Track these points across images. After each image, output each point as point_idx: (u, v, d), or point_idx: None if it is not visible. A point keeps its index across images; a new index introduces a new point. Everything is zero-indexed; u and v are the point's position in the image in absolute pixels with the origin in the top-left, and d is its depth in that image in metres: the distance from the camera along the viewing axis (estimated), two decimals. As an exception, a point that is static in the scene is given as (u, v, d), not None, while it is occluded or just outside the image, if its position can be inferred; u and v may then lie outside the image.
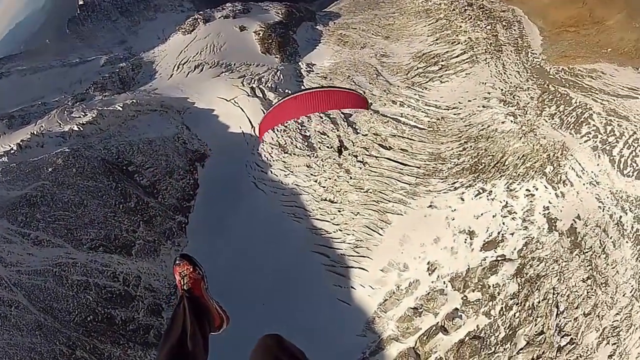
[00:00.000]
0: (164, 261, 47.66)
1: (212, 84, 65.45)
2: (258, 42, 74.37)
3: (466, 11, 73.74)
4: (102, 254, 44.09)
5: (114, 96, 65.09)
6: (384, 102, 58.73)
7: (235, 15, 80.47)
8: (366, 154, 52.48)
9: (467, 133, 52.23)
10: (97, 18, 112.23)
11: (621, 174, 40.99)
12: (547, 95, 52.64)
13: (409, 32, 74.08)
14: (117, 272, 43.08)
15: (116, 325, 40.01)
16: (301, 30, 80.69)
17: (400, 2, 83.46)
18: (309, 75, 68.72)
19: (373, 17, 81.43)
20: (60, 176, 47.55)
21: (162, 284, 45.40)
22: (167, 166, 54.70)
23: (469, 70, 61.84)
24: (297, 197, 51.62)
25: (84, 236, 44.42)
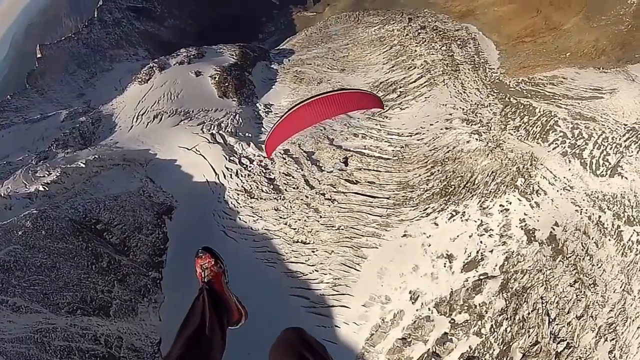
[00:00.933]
0: (143, 319, 46.29)
1: (172, 133, 64.26)
2: (214, 86, 73.25)
3: (420, 34, 74.03)
4: (81, 317, 42.57)
5: (76, 152, 63.49)
6: (345, 137, 57.80)
7: (190, 60, 79.37)
8: (334, 191, 51.58)
9: (433, 157, 51.51)
10: (54, 71, 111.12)
11: (594, 174, 41.20)
12: (509, 109, 52.52)
13: (364, 62, 73.78)
14: (98, 334, 41.59)
15: None
16: (256, 71, 79.80)
17: (353, 33, 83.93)
18: (268, 116, 67.84)
19: (327, 50, 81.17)
20: (31, 239, 45.86)
21: (144, 343, 43.97)
22: (135, 222, 53.11)
23: (427, 94, 61.43)
24: (269, 241, 50.31)
25: (60, 300, 42.84)
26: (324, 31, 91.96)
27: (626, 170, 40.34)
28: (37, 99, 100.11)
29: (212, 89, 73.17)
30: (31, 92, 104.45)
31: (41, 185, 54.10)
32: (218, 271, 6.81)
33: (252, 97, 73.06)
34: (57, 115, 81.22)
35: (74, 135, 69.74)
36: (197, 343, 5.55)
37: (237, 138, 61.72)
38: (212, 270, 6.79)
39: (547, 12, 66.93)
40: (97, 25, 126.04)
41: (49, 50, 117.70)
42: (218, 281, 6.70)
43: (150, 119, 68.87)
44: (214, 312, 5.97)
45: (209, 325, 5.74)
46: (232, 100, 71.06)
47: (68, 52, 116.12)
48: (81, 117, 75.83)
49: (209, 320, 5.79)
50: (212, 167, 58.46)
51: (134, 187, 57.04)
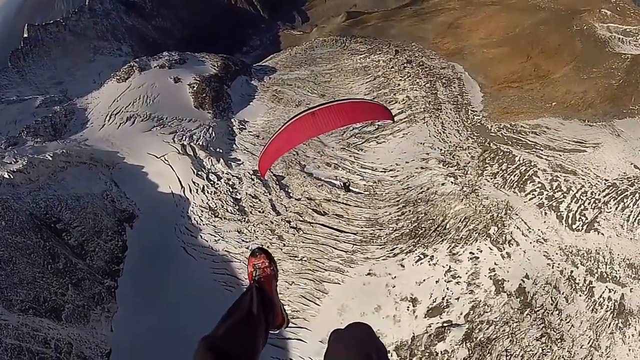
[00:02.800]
0: (95, 328, 44.10)
1: (143, 139, 62.26)
2: (192, 96, 71.42)
3: (405, 69, 72.57)
4: (33, 318, 40.59)
5: (45, 143, 61.38)
6: (317, 165, 56.08)
7: (172, 65, 77.50)
8: (300, 220, 49.66)
9: (406, 197, 49.93)
10: (38, 54, 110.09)
11: (570, 228, 40.27)
12: (488, 154, 51.26)
13: (345, 90, 71.99)
14: (48, 337, 39.60)
15: None
16: (236, 85, 78.06)
17: (338, 59, 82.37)
18: (241, 133, 65.83)
19: (309, 73, 79.41)
20: None
21: (94, 352, 41.93)
22: (95, 226, 51.05)
23: (406, 130, 59.80)
24: (229, 264, 48.27)
25: (14, 296, 40.95)
26: (309, 53, 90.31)
27: (603, 226, 39.53)
28: (16, 80, 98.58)
29: (189, 98, 71.47)
30: (12, 71, 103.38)
31: (7, 172, 51.53)
32: (270, 273, 6.83)
33: (227, 112, 71.43)
34: (33, 101, 79.17)
35: (46, 125, 67.65)
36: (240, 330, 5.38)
37: (207, 152, 59.91)
38: (264, 271, 6.82)
39: (537, 60, 66.42)
40: (86, 13, 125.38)
41: (36, 31, 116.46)
42: (268, 282, 6.70)
43: (122, 120, 66.74)
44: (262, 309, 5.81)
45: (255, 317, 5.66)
46: (207, 112, 69.35)
47: (54, 37, 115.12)
48: (56, 107, 73.74)
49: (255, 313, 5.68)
50: (179, 180, 56.58)
51: (97, 190, 55.04)
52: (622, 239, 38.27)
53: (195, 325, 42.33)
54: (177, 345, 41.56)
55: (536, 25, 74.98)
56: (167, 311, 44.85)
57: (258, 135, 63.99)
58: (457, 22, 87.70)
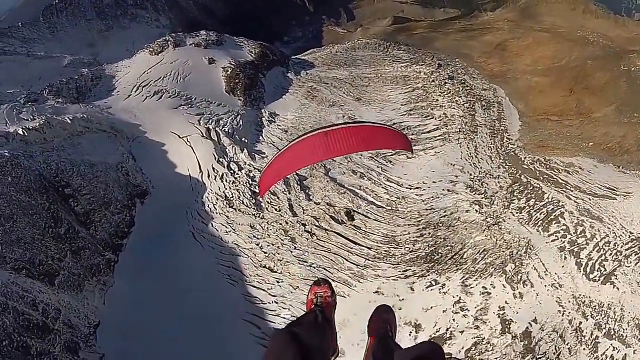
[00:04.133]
0: (87, 298, 43.93)
1: (168, 116, 62.22)
2: (224, 80, 71.19)
3: (446, 85, 72.48)
4: (25, 278, 40.45)
5: (66, 105, 61.16)
6: (343, 171, 55.71)
7: (208, 45, 77.45)
8: (316, 225, 49.27)
9: (428, 218, 49.33)
10: (72, 13, 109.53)
11: (587, 278, 39.12)
12: (518, 187, 50.62)
13: (382, 98, 71.79)
14: (38, 300, 39.43)
15: (31, 355, 36.43)
16: (271, 75, 77.81)
17: (379, 64, 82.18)
18: (270, 126, 65.74)
19: (348, 74, 79.21)
20: None
21: (82, 322, 41.67)
22: (105, 196, 51.03)
23: (439, 149, 59.49)
24: (236, 258, 47.86)
25: (8, 254, 40.79)
26: (350, 53, 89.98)
27: (620, 280, 38.34)
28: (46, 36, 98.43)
29: (221, 81, 71.20)
30: (43, 26, 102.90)
31: (22, 128, 51.62)
32: (331, 302, 7.31)
33: (259, 102, 71.20)
34: (61, 59, 79.09)
35: (70, 87, 67.54)
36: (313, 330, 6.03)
37: (232, 140, 59.61)
38: (326, 300, 7.26)
39: (580, 95, 65.97)
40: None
41: None
42: (329, 311, 7.12)
43: (150, 94, 66.55)
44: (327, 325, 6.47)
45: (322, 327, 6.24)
46: (238, 99, 69.12)
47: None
48: (84, 69, 73.66)
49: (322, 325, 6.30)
50: (198, 164, 56.27)
51: (113, 160, 54.79)
52: (636, 297, 37.41)
53: (189, 312, 42.59)
54: (167, 328, 41.62)
55: (583, 59, 74.64)
56: (163, 294, 44.64)
57: (287, 130, 63.82)
58: (505, 43, 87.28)
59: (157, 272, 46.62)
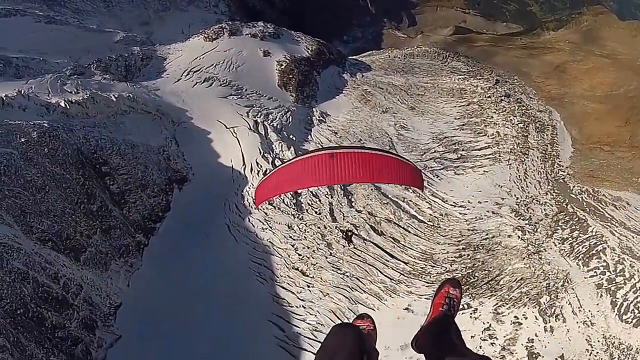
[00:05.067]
0: (111, 277, 44.39)
1: (216, 104, 62.21)
2: (278, 74, 71.07)
3: (502, 102, 71.60)
4: (49, 250, 40.78)
5: (113, 82, 61.65)
6: (388, 180, 54.86)
7: (264, 36, 77.32)
8: (354, 233, 48.70)
9: (469, 239, 48.85)
10: None
11: (619, 318, 38.53)
12: (563, 216, 49.99)
13: (436, 109, 71.19)
14: (60, 274, 39.73)
15: (45, 327, 36.84)
16: (326, 74, 77.57)
17: (436, 74, 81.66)
18: (320, 125, 65.54)
19: (404, 81, 78.56)
20: (31, 151, 44.11)
21: (103, 301, 42.06)
22: (143, 178, 51.32)
23: (488, 168, 58.84)
24: (269, 256, 47.83)
25: (36, 224, 41.24)
26: (408, 60, 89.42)
27: None
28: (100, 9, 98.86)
29: (274, 75, 71.11)
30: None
31: (64, 100, 51.99)
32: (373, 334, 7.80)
33: (311, 99, 71.00)
34: (113, 35, 79.67)
35: (119, 63, 67.74)
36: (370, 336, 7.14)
37: (279, 136, 59.49)
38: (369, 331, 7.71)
39: (635, 127, 65.09)
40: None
41: None
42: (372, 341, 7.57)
43: (200, 80, 66.62)
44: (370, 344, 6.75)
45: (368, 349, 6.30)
46: (290, 94, 68.95)
47: None
48: (135, 47, 74.09)
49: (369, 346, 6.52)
50: (242, 156, 56.27)
51: (155, 143, 55.20)
52: (667, 344, 37.22)
53: (213, 305, 42.75)
54: (188, 319, 41.78)
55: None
56: (190, 283, 44.84)
57: (336, 132, 63.63)
58: (564, 65, 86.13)
59: (186, 260, 46.87)
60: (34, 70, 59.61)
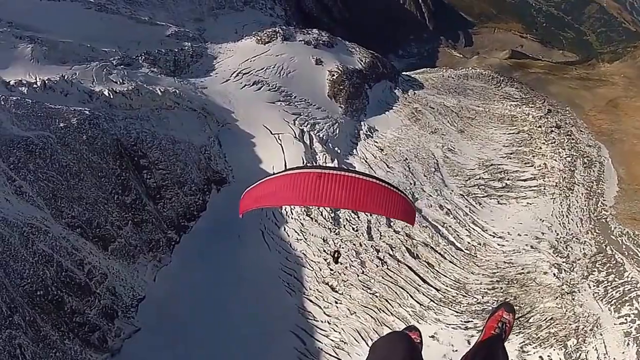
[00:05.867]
0: (138, 271, 45.25)
1: (263, 109, 62.56)
2: (328, 84, 70.97)
3: (552, 133, 70.86)
4: (77, 236, 41.65)
5: (160, 76, 62.33)
6: (430, 203, 55.25)
7: (318, 44, 77.13)
8: (389, 254, 48.92)
9: (504, 272, 48.66)
10: None
11: None
12: (601, 257, 49.43)
13: (485, 134, 70.80)
14: (86, 261, 40.69)
15: (63, 311, 37.86)
16: (377, 88, 77.07)
17: (489, 98, 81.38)
18: (366, 140, 65.30)
19: (456, 103, 78.13)
20: (69, 137, 45.03)
21: (127, 292, 42.95)
22: (181, 175, 52.07)
23: (532, 200, 58.36)
24: (300, 268, 48.08)
25: (66, 209, 42.13)
26: (462, 81, 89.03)
27: None
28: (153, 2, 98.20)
29: (325, 84, 71.10)
30: None
31: (108, 89, 52.70)
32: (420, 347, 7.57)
33: (360, 113, 70.80)
34: (165, 28, 79.45)
35: (168, 58, 68.37)
36: None
37: (324, 148, 59.70)
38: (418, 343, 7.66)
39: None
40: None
41: None
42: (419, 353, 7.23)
43: (249, 82, 66.72)
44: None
45: None
46: (339, 105, 68.99)
47: None
48: (186, 43, 74.72)
49: None
50: (285, 163, 56.04)
51: (198, 141, 55.90)
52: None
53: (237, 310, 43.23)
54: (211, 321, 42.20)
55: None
56: (217, 285, 45.24)
57: (382, 149, 63.54)
58: (617, 100, 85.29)
59: (216, 262, 47.27)
60: (80, 57, 59.56)
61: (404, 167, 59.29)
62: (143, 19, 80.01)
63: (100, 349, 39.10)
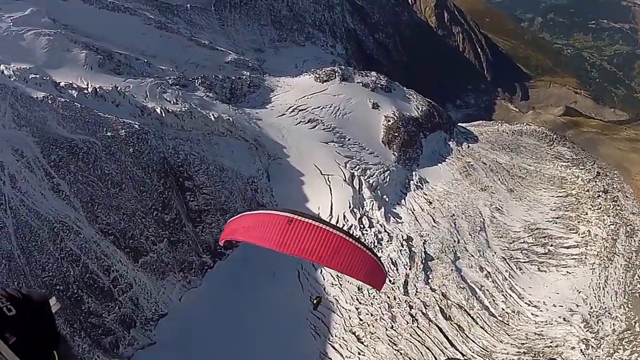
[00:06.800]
0: (165, 287, 46.08)
1: (316, 148, 62.23)
2: (384, 129, 70.09)
3: (599, 198, 69.45)
4: (109, 243, 42.73)
5: (215, 102, 62.37)
6: (471, 264, 54.41)
7: (376, 88, 76.26)
8: (422, 311, 48.38)
9: (532, 343, 47.79)
10: (246, 13, 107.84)
11: None
12: (629, 335, 48.75)
13: (534, 196, 69.44)
14: (113, 268, 41.87)
15: (80, 309, 39.06)
16: (432, 138, 76.10)
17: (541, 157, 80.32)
18: (416, 191, 64.41)
19: (508, 160, 77.09)
20: (114, 147, 46.09)
21: (150, 306, 43.87)
22: (225, 203, 52.24)
23: (571, 269, 57.07)
24: (330, 313, 47.76)
25: (102, 215, 43.14)
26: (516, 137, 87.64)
27: None
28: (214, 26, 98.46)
29: (379, 129, 70.32)
30: (213, 16, 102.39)
31: (160, 107, 53.38)
32: None
33: (412, 162, 69.92)
34: (225, 55, 79.48)
35: (225, 84, 68.31)
36: None
37: (373, 194, 59.04)
38: None
39: None
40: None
41: None
42: None
43: (304, 120, 66.54)
44: None
45: None
46: (392, 153, 68.10)
47: (269, 4, 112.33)
48: (245, 72, 74.77)
49: None
50: (331, 206, 56.17)
51: (246, 172, 56.02)
52: None
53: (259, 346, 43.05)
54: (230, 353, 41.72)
55: None
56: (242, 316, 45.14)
57: (431, 202, 62.79)
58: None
59: (247, 293, 47.11)
60: (136, 71, 60.27)
61: (450, 224, 58.55)
62: (203, 42, 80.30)
63: (109, 353, 39.80)
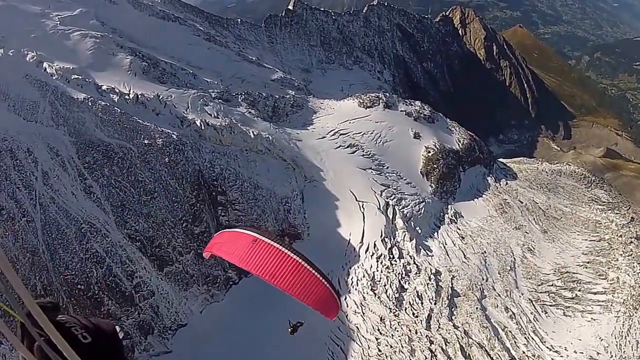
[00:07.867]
0: (187, 298, 46.13)
1: (353, 173, 62.08)
2: (423, 160, 69.83)
3: (630, 244, 67.72)
4: (135, 250, 42.96)
5: (256, 119, 62.55)
6: (497, 303, 53.46)
7: (418, 117, 76.30)
8: (441, 348, 47.31)
9: (550, 388, 46.79)
10: (297, 33, 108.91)
11: None
12: (646, 385, 47.15)
13: (567, 238, 68.24)
14: (137, 274, 42.02)
15: (99, 310, 39.23)
16: (471, 172, 75.69)
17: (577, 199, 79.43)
18: (449, 225, 63.55)
19: (545, 200, 76.01)
20: (150, 155, 46.36)
21: (170, 315, 43.87)
22: (256, 221, 51.86)
23: (597, 316, 55.96)
24: (349, 340, 47.03)
25: (131, 222, 43.49)
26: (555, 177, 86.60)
27: None
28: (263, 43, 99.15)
29: (419, 160, 70.11)
30: (262, 34, 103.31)
31: (201, 120, 53.47)
32: None
33: (449, 196, 69.47)
34: (271, 72, 79.56)
35: (268, 102, 68.62)
36: None
37: (406, 225, 58.45)
38: None
39: None
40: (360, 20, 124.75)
41: (303, 9, 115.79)
42: None
43: (344, 144, 66.51)
44: None
45: None
46: (430, 184, 67.82)
47: (319, 25, 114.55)
48: (290, 91, 74.81)
49: None
50: (362, 233, 55.56)
51: (281, 192, 55.92)
52: None
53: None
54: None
55: None
56: (261, 335, 44.76)
57: (464, 237, 61.94)
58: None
59: (267, 312, 46.46)
60: (180, 81, 60.67)
61: (480, 261, 57.91)
62: (251, 58, 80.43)
63: (122, 357, 39.69)
